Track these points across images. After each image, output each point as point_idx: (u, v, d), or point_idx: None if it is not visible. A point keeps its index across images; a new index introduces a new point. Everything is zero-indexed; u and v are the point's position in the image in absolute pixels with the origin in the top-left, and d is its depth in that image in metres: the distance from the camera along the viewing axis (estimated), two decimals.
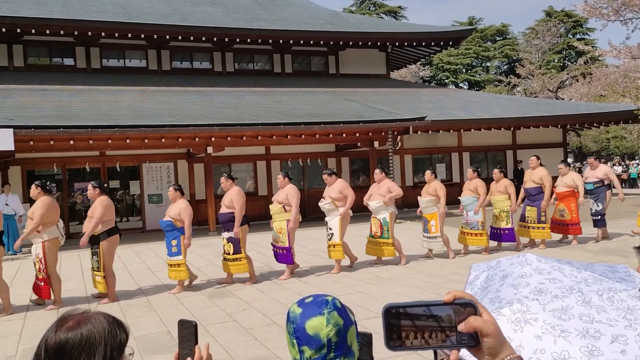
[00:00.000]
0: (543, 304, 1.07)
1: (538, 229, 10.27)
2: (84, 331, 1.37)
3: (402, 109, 17.58)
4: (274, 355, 5.10)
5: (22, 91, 16.46)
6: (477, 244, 9.96)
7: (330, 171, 9.26)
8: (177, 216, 7.99)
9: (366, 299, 7.05)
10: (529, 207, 10.34)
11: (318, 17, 22.63)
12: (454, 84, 44.25)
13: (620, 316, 1.05)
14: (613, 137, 31.43)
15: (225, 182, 8.62)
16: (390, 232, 9.14)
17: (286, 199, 8.67)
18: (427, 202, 9.65)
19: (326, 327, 1.43)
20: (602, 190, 10.87)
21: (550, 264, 1.21)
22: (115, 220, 7.80)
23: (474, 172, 10.17)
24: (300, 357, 1.46)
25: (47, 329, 1.41)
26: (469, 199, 9.98)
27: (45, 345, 1.36)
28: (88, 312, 1.44)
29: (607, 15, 15.82)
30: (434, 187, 9.67)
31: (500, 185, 10.21)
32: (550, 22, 43.39)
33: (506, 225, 10.08)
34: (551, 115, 19.49)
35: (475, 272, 1.34)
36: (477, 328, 0.91)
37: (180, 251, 7.95)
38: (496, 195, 10.20)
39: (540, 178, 10.29)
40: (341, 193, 8.88)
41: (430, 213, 9.61)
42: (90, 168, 16.18)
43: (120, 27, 18.00)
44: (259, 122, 14.64)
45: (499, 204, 10.14)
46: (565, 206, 10.48)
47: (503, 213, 10.07)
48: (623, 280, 1.18)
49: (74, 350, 1.34)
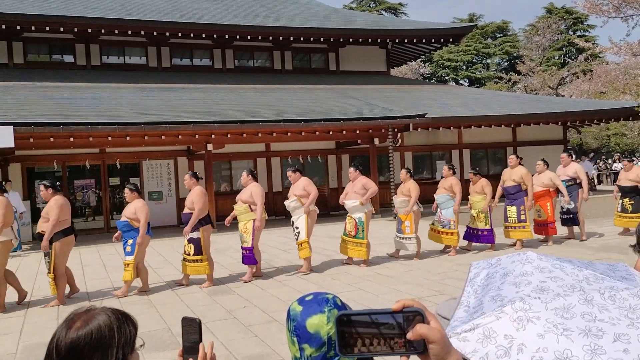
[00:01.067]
0: (545, 303, 1.07)
1: (517, 229, 10.03)
2: (95, 329, 1.36)
3: (402, 106, 17.56)
4: (274, 352, 5.11)
5: (22, 88, 16.44)
6: (448, 242, 9.78)
7: (294, 168, 9.06)
8: (133, 215, 7.75)
9: (366, 296, 7.05)
10: (509, 206, 10.12)
11: (318, 13, 22.60)
12: (455, 80, 44.21)
13: (622, 315, 1.04)
14: (613, 134, 31.39)
15: (188, 180, 8.36)
16: (365, 232, 8.91)
17: (250, 197, 8.36)
18: (401, 202, 9.49)
19: (327, 325, 1.43)
20: (574, 188, 10.62)
21: (551, 262, 1.21)
22: (71, 221, 7.55)
23: (449, 170, 9.96)
24: (300, 354, 1.46)
25: (57, 329, 1.40)
26: (443, 197, 9.79)
27: (56, 346, 1.35)
28: (94, 308, 1.43)
29: (607, 12, 15.79)
30: (407, 187, 9.48)
31: (477, 186, 10.01)
32: (550, 18, 43.32)
33: (484, 226, 9.87)
34: (551, 112, 19.48)
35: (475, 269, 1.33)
36: (424, 335, 0.95)
37: (133, 251, 7.67)
38: (474, 196, 10.01)
39: (520, 177, 10.07)
40: (305, 190, 8.70)
41: (404, 213, 9.43)
42: (90, 165, 16.18)
43: (120, 24, 17.97)
44: (259, 119, 14.63)
45: (477, 205, 9.94)
46: (541, 206, 10.24)
47: (482, 214, 9.88)
48: (624, 279, 1.17)
49: (87, 349, 1.34)
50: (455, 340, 1.09)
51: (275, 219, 17.33)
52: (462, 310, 1.22)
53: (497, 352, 1.03)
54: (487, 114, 18.55)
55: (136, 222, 7.75)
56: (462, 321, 1.15)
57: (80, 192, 16.62)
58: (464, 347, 1.07)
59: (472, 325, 1.09)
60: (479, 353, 1.05)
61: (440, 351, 0.96)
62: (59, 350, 1.34)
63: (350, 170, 9.35)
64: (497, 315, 1.08)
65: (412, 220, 9.34)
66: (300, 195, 8.72)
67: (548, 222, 10.21)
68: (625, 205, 10.89)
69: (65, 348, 1.34)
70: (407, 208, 9.30)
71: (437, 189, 10.01)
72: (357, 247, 8.99)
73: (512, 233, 10.14)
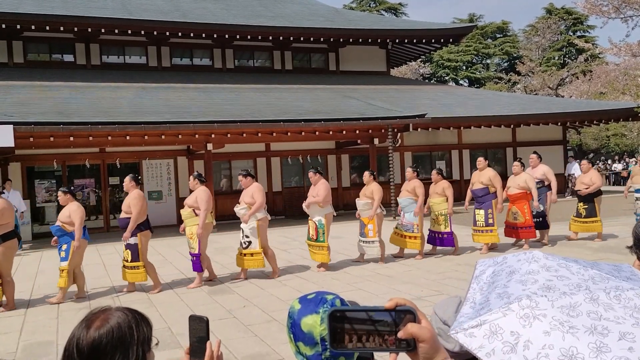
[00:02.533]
0: (552, 301, 1.08)
1: (485, 233, 9.72)
2: (115, 327, 1.37)
3: (402, 106, 17.58)
4: (274, 352, 5.11)
5: (22, 87, 16.45)
6: (411, 247, 9.48)
7: (246, 172, 8.59)
8: (67, 219, 7.43)
9: (366, 296, 7.06)
10: (477, 210, 9.78)
11: (318, 13, 22.62)
12: (454, 81, 44.23)
13: (627, 314, 1.05)
14: (613, 134, 31.42)
15: (128, 183, 7.90)
16: (325, 235, 8.57)
17: (196, 202, 7.95)
18: (364, 205, 9.12)
19: (319, 326, 1.44)
20: (542, 191, 10.25)
21: (557, 262, 1.22)
22: (14, 224, 7.36)
23: (413, 173, 9.61)
24: (297, 351, 1.47)
25: (74, 330, 1.41)
26: (406, 201, 9.46)
27: (77, 346, 1.36)
28: (110, 308, 1.45)
29: (607, 13, 15.81)
30: (371, 190, 9.13)
31: (439, 187, 9.66)
32: (550, 19, 43.35)
33: (445, 229, 9.56)
34: (551, 113, 19.50)
35: (481, 267, 1.34)
36: (414, 334, 0.99)
37: (67, 256, 7.36)
38: (434, 198, 9.68)
39: (488, 179, 9.72)
40: (253, 197, 8.24)
41: (367, 217, 9.10)
42: (90, 164, 16.18)
43: (120, 23, 17.98)
44: (259, 119, 14.64)
45: (436, 207, 9.63)
46: (518, 209, 9.90)
47: (441, 217, 9.55)
48: (629, 279, 1.18)
49: (109, 347, 1.35)
50: (461, 335, 1.10)
51: (275, 219, 17.35)
52: (469, 306, 1.23)
53: (503, 348, 1.04)
54: (487, 114, 18.57)
55: (69, 227, 7.41)
56: (468, 317, 1.15)
57: (80, 192, 16.62)
58: (471, 342, 1.08)
59: (478, 322, 1.10)
60: (485, 349, 1.06)
61: (429, 350, 1.01)
62: (81, 350, 1.35)
63: (309, 173, 8.94)
64: (503, 312, 1.09)
65: (375, 224, 9.03)
66: (250, 203, 8.24)
67: (526, 226, 9.84)
68: (580, 210, 10.56)
69: (88, 347, 1.35)
70: (371, 213, 8.96)
71: (401, 192, 9.68)
72: (319, 250, 8.67)
73: (479, 237, 9.81)
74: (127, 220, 7.67)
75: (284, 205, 17.82)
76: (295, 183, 18.50)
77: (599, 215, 10.45)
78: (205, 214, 7.87)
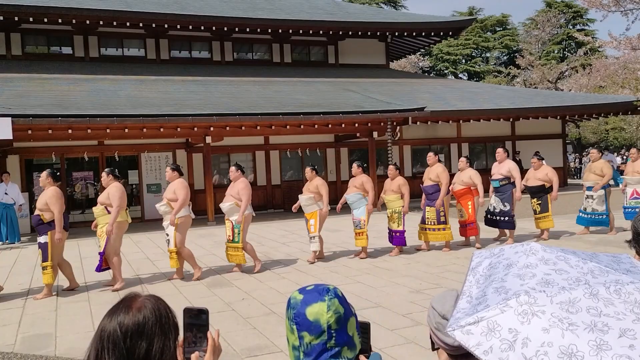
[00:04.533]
0: (550, 296, 1.06)
1: (438, 231, 9.38)
2: (155, 309, 1.43)
3: (401, 100, 17.54)
4: (273, 344, 5.12)
5: (20, 80, 16.39)
6: (358, 244, 9.13)
7: (174, 166, 8.17)
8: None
9: (365, 289, 7.07)
10: (428, 207, 9.42)
11: (317, 6, 22.53)
12: (454, 74, 44.14)
13: (627, 310, 1.04)
14: (612, 128, 31.41)
15: (44, 179, 7.39)
16: (241, 235, 8.18)
17: (108, 199, 7.51)
18: (307, 199, 8.84)
19: (327, 314, 1.44)
20: (508, 188, 9.77)
21: (556, 254, 1.20)
22: None
23: (358, 168, 9.21)
24: (299, 342, 1.46)
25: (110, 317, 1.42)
26: (354, 196, 9.08)
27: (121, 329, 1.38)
28: (138, 294, 1.48)
29: (607, 6, 15.76)
30: (315, 185, 8.81)
31: (394, 184, 9.25)
32: (550, 12, 43.20)
33: (397, 227, 9.16)
34: (550, 106, 19.47)
35: (477, 258, 1.33)
36: None
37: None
38: (389, 195, 9.27)
39: (436, 175, 9.38)
40: (175, 193, 7.89)
41: (310, 212, 8.83)
42: (88, 157, 16.15)
43: (118, 15, 17.89)
44: (257, 112, 14.61)
45: (391, 204, 9.22)
46: (462, 205, 9.59)
47: (395, 214, 9.15)
48: (628, 272, 1.17)
49: (152, 327, 1.40)
50: (458, 332, 1.09)
51: (274, 212, 17.36)
52: (465, 301, 1.21)
53: (501, 345, 1.03)
54: (486, 107, 18.55)
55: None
56: (465, 313, 1.14)
57: (78, 184, 16.59)
58: (468, 340, 1.07)
59: (476, 318, 1.09)
60: (482, 346, 1.04)
61: None
62: (125, 332, 1.37)
63: (231, 169, 8.66)
64: (501, 308, 1.08)
65: (317, 219, 8.73)
66: (171, 199, 7.86)
67: (468, 223, 9.55)
68: (534, 206, 10.18)
69: (133, 329, 1.38)
70: (324, 210, 8.74)
71: (348, 188, 9.31)
72: (235, 252, 8.27)
73: (431, 235, 9.47)
74: (36, 218, 7.21)
75: (282, 199, 17.80)
76: (294, 176, 18.49)
77: (550, 211, 10.04)
78: (118, 211, 7.39)
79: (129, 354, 1.37)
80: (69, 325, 6.08)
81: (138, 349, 1.37)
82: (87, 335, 5.71)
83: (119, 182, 7.86)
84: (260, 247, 10.48)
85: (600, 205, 10.39)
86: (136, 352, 1.37)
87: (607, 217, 10.41)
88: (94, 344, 1.40)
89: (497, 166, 10.08)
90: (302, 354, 1.47)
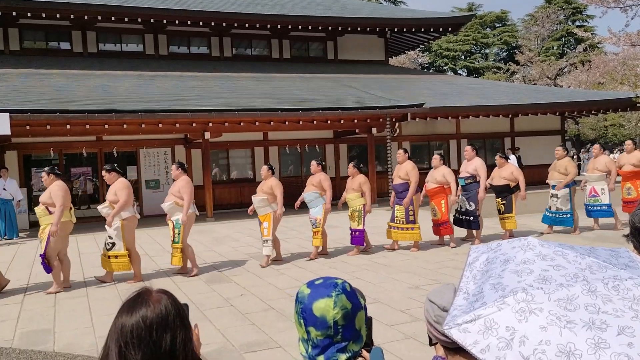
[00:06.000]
0: (548, 293, 1.05)
1: (407, 230, 9.14)
2: (173, 303, 1.42)
3: (400, 96, 17.52)
4: (272, 340, 5.12)
5: (18, 75, 16.35)
6: (313, 243, 8.88)
7: (108, 167, 7.83)
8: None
9: (363, 285, 7.06)
10: (398, 206, 9.16)
11: (316, 2, 22.48)
12: (453, 70, 44.09)
13: (626, 307, 1.03)
14: (611, 124, 31.40)
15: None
16: (181, 236, 7.86)
17: (50, 198, 7.28)
18: (260, 201, 8.44)
19: (333, 310, 1.44)
20: (473, 187, 9.48)
21: (553, 249, 1.19)
22: None
23: (317, 166, 8.95)
24: (307, 337, 1.47)
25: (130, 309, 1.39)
26: (311, 195, 8.84)
27: (144, 322, 1.36)
28: (150, 288, 1.47)
29: (606, 2, 15.74)
30: (269, 185, 8.47)
31: (355, 182, 9.00)
32: (549, 8, 43.15)
33: (357, 226, 8.93)
34: (549, 103, 19.46)
35: (474, 253, 1.32)
36: None
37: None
38: (350, 193, 9.03)
39: (406, 173, 9.10)
40: (116, 195, 7.58)
41: (264, 214, 8.44)
42: (87, 153, 16.13)
43: (117, 10, 17.85)
44: (256, 108, 14.58)
45: (351, 203, 8.99)
46: (435, 204, 9.32)
47: (355, 213, 8.92)
48: (627, 267, 1.15)
49: (174, 318, 1.39)
50: (455, 331, 1.08)
51: None
52: (462, 297, 1.20)
53: (498, 344, 1.02)
54: (485, 104, 18.53)
55: None
56: (462, 310, 1.13)
57: (77, 180, 16.57)
58: (465, 338, 1.06)
59: (473, 316, 1.08)
60: (480, 345, 1.03)
61: None
62: (150, 326, 1.36)
63: (172, 167, 8.29)
64: (498, 306, 1.07)
65: (270, 222, 8.36)
66: (113, 201, 7.57)
67: (441, 222, 9.32)
68: (498, 206, 9.90)
69: (157, 321, 1.37)
70: (278, 212, 8.38)
71: (306, 186, 9.05)
72: (176, 252, 7.96)
73: (399, 234, 9.23)
74: None
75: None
76: (293, 172, 18.48)
77: (514, 212, 9.77)
78: (61, 211, 7.17)
79: (156, 348, 1.35)
80: (67, 321, 6.08)
81: (164, 342, 1.36)
82: (85, 331, 5.72)
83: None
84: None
85: (565, 205, 10.09)
86: (162, 345, 1.35)
87: (571, 217, 10.11)
88: (114, 341, 1.36)
89: (465, 164, 9.83)
90: (310, 347, 1.47)
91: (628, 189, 11.04)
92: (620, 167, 11.23)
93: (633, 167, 10.99)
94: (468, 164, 9.71)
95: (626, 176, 11.10)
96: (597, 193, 10.56)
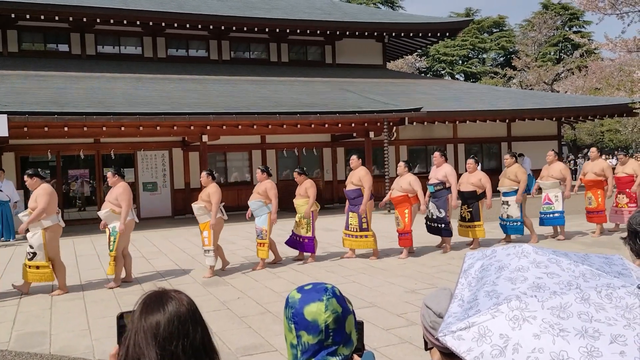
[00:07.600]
0: (541, 302, 1.07)
1: (360, 238, 8.86)
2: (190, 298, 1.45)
3: (398, 100, 17.57)
4: (268, 343, 5.13)
5: (17, 77, 16.35)
6: (260, 254, 8.54)
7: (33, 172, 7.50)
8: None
9: (360, 289, 7.08)
10: (351, 212, 8.91)
11: (315, 6, 22.53)
12: (450, 75, 44.19)
13: (618, 315, 1.04)
14: (607, 130, 31.49)
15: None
16: (116, 244, 7.58)
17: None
18: (199, 209, 8.08)
19: (324, 313, 1.45)
20: (443, 193, 9.24)
21: (547, 257, 1.20)
22: None
23: (262, 173, 8.65)
24: (297, 341, 1.48)
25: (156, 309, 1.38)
26: (256, 204, 8.52)
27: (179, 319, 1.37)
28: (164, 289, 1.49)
29: (603, 9, 15.81)
30: (207, 193, 8.07)
31: (302, 188, 8.77)
32: (546, 14, 43.29)
33: (306, 233, 8.72)
34: (546, 108, 19.54)
35: (469, 260, 1.33)
36: None
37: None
38: (298, 199, 8.81)
39: (359, 179, 8.81)
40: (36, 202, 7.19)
41: (203, 222, 8.08)
42: (84, 155, 16.12)
43: (115, 13, 17.87)
44: (254, 111, 14.61)
45: (300, 209, 8.77)
46: (399, 213, 8.95)
47: (303, 219, 8.73)
48: (620, 275, 1.17)
49: (197, 314, 1.42)
50: (449, 338, 1.09)
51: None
52: (457, 304, 1.21)
53: (492, 351, 1.03)
54: (482, 108, 18.59)
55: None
56: (456, 318, 1.14)
57: (74, 182, 16.56)
58: (459, 345, 1.07)
59: (467, 324, 1.09)
60: (473, 352, 1.05)
61: None
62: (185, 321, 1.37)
63: (108, 174, 8.01)
64: (492, 313, 1.08)
65: (210, 232, 7.98)
66: (33, 208, 7.22)
67: (404, 232, 8.92)
68: (463, 213, 9.56)
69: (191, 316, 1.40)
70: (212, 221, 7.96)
71: (252, 195, 8.70)
72: (110, 260, 7.66)
73: (353, 242, 8.94)
74: None
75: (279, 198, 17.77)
76: (291, 176, 18.49)
77: (482, 220, 9.53)
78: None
79: (193, 342, 1.37)
80: (63, 323, 6.08)
81: (198, 336, 1.39)
82: (81, 333, 5.72)
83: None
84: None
85: (515, 212, 9.70)
86: (197, 338, 1.39)
87: (522, 225, 9.71)
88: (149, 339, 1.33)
89: (434, 170, 9.58)
90: (300, 352, 1.48)
91: (589, 198, 10.65)
92: (584, 175, 10.89)
93: (595, 176, 10.59)
94: (437, 170, 9.46)
95: (587, 185, 10.75)
96: (550, 200, 10.15)
